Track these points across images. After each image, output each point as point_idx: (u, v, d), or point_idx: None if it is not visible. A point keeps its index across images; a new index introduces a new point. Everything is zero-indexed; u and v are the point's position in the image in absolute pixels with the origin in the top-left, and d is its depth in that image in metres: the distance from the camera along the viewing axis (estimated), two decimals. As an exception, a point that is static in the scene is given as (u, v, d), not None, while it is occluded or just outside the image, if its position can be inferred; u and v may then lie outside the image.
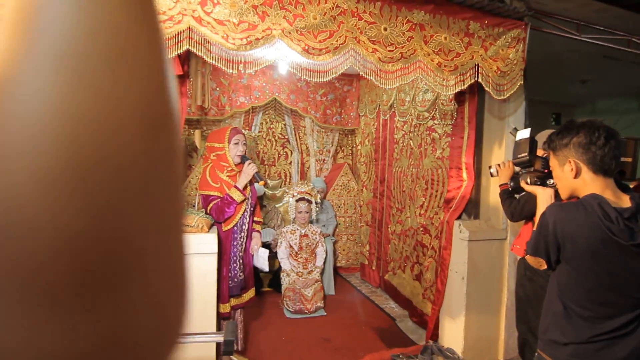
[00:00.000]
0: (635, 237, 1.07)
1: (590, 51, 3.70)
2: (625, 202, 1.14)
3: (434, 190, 3.10)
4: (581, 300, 1.17)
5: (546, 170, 1.38)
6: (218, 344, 2.05)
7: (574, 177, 1.20)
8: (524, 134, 1.46)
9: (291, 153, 4.75)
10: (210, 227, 2.11)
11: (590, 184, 1.18)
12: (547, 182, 1.40)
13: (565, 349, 1.19)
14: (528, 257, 1.30)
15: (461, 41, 2.19)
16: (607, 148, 1.14)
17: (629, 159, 2.51)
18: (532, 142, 1.43)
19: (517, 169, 2.34)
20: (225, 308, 2.26)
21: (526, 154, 1.43)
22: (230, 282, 2.27)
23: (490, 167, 1.98)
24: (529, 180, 1.44)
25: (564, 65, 4.63)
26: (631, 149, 2.52)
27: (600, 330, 1.15)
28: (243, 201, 2.24)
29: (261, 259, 2.45)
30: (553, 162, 1.27)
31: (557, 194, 1.35)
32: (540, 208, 1.37)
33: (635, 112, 6.13)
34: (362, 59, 1.99)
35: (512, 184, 1.48)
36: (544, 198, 1.38)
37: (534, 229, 1.29)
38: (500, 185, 2.29)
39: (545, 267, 1.25)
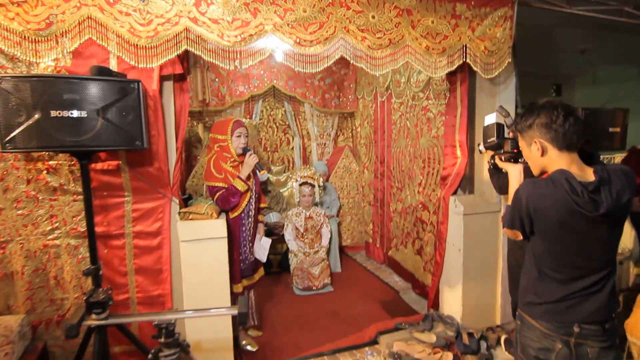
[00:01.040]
0: (599, 208, 1.18)
1: (585, 22, 3.70)
2: (590, 175, 1.25)
3: (431, 168, 3.21)
4: (554, 265, 1.30)
5: (515, 150, 1.47)
6: (233, 318, 2.24)
7: (541, 155, 1.30)
8: (491, 119, 1.55)
9: (293, 138, 4.87)
10: (219, 214, 2.27)
11: (556, 160, 1.28)
12: (519, 160, 1.50)
13: (540, 308, 1.33)
14: (505, 230, 1.43)
15: (448, 23, 2.26)
16: (567, 125, 1.24)
17: (617, 129, 2.60)
18: (498, 126, 1.52)
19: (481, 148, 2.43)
20: (238, 288, 2.44)
21: (494, 138, 1.52)
22: (242, 264, 2.44)
23: (479, 144, 2.09)
24: (503, 158, 1.55)
25: (560, 37, 4.62)
26: (620, 120, 2.60)
27: (571, 290, 1.28)
28: (247, 190, 2.38)
29: (262, 249, 2.60)
30: (521, 143, 1.38)
31: (526, 170, 1.46)
32: (511, 183, 1.49)
33: (636, 79, 6.09)
34: (352, 48, 2.08)
35: (492, 161, 1.59)
36: (514, 173, 1.49)
37: (508, 203, 1.41)
38: (488, 161, 2.41)
39: (521, 238, 1.38)
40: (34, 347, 1.86)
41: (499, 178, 2.18)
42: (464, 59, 2.33)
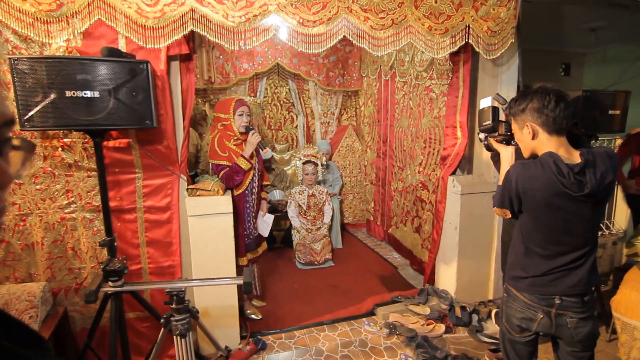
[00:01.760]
0: (583, 188, 1.26)
1: (595, -1, 3.62)
2: (576, 157, 1.31)
3: (432, 148, 3.27)
4: (540, 242, 1.38)
5: (509, 133, 1.53)
6: (239, 287, 2.38)
7: (532, 139, 1.37)
8: (486, 102, 1.60)
9: (297, 117, 4.91)
10: (225, 191, 2.37)
11: (546, 143, 1.35)
12: (512, 142, 1.57)
13: (525, 281, 1.43)
14: (495, 209, 1.51)
15: (452, 3, 2.26)
16: (558, 110, 1.29)
17: (617, 112, 2.62)
18: (494, 109, 1.57)
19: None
20: (243, 261, 2.58)
21: (490, 121, 1.57)
22: (246, 239, 2.57)
23: (478, 133, 2.14)
24: (497, 140, 1.61)
25: (570, 15, 4.52)
26: (621, 102, 2.62)
27: (555, 265, 1.37)
28: (251, 169, 2.47)
29: (265, 224, 2.71)
30: (514, 126, 1.44)
31: (517, 151, 1.52)
32: (503, 164, 1.56)
33: (646, 59, 5.96)
34: (354, 28, 2.10)
35: (485, 142, 1.64)
36: (505, 155, 1.56)
37: (499, 184, 1.48)
38: (480, 139, 2.45)
39: (510, 216, 1.46)
40: (56, 311, 2.02)
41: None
42: (467, 40, 2.34)
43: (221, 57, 4.22)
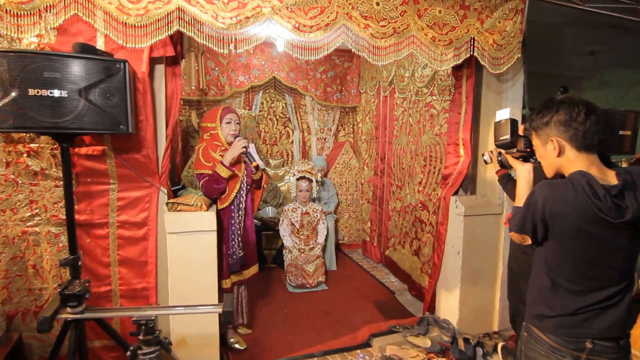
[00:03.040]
0: (624, 214, 1.07)
1: (596, 20, 3.58)
2: (612, 178, 1.14)
3: (432, 167, 3.11)
4: (568, 275, 1.18)
5: (529, 150, 1.37)
6: (221, 317, 2.15)
7: (557, 155, 1.19)
8: (504, 114, 1.45)
9: (293, 132, 4.77)
10: (209, 206, 2.17)
11: (574, 161, 1.16)
12: (530, 159, 1.40)
13: (552, 321, 1.22)
14: (512, 234, 1.32)
15: (456, 14, 2.15)
16: (588, 124, 1.13)
17: (628, 132, 2.49)
18: (512, 122, 1.41)
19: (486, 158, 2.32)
20: (226, 284, 2.36)
21: (508, 135, 1.41)
22: (229, 259, 2.35)
23: (483, 154, 1.99)
24: (514, 156, 1.44)
25: (569, 36, 4.50)
26: (631, 122, 2.49)
27: (587, 302, 1.17)
28: (234, 178, 2.28)
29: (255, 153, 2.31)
30: (536, 142, 1.26)
31: (536, 170, 1.36)
32: (519, 183, 1.38)
33: (645, 84, 5.96)
34: (354, 36, 1.97)
35: (500, 158, 1.49)
36: (522, 173, 1.38)
37: (515, 204, 1.30)
38: (497, 172, 2.30)
39: (530, 242, 1.27)
40: (8, 338, 1.78)
41: (514, 186, 2.06)
42: (472, 52, 2.22)
43: (216, 68, 4.11)
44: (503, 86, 2.64)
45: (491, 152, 2.41)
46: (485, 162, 2.06)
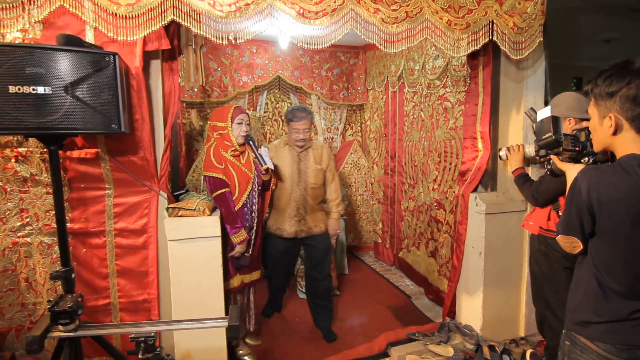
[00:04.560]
0: None
1: (614, 3, 3.39)
2: None
3: (448, 163, 2.94)
4: (618, 276, 1.05)
5: (577, 148, 1.21)
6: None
7: (612, 133, 1.05)
8: (545, 112, 1.31)
9: (298, 132, 4.62)
10: (212, 211, 2.03)
11: (630, 144, 1.03)
12: (582, 160, 1.24)
13: (600, 327, 1.08)
14: (559, 238, 1.15)
15: (473, -5, 1.99)
16: None
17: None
18: (554, 119, 1.26)
19: (528, 151, 2.15)
20: (235, 283, 2.20)
21: (551, 133, 1.26)
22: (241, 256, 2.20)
23: (500, 149, 1.83)
24: (560, 159, 1.28)
25: (585, 23, 4.29)
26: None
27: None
28: (245, 179, 2.18)
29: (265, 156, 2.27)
30: (592, 110, 1.11)
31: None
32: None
33: (664, 72, 5.71)
34: (363, 21, 1.82)
35: (548, 166, 1.33)
36: (573, 176, 1.23)
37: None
38: (513, 172, 2.13)
39: (581, 247, 1.10)
40: (1, 357, 1.65)
41: (531, 186, 1.89)
42: (490, 37, 2.06)
43: (219, 69, 3.99)
44: (523, 74, 2.47)
45: (508, 149, 2.23)
46: (501, 159, 1.91)
